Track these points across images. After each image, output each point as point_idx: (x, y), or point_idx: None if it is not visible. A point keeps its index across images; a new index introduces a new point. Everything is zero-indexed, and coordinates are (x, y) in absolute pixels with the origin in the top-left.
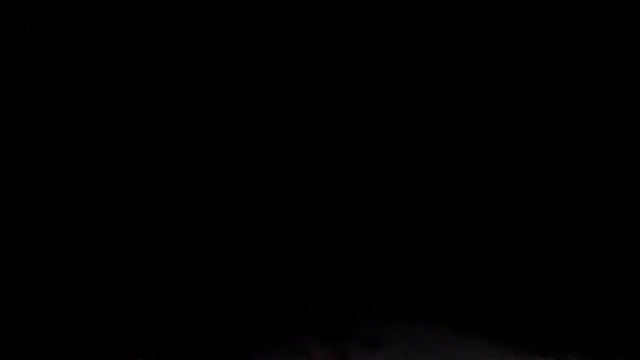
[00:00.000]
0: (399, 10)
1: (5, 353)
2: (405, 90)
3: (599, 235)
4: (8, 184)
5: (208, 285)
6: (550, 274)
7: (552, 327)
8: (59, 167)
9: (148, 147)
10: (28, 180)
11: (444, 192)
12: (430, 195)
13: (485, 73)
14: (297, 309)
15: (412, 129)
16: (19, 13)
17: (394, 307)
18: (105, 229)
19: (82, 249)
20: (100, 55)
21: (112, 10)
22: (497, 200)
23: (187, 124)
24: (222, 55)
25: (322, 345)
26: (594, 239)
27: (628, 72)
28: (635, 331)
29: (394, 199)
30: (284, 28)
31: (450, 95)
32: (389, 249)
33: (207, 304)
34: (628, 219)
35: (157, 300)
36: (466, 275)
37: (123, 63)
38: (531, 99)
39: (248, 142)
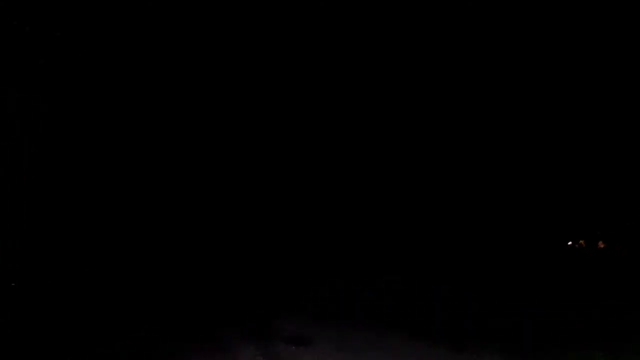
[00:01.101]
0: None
1: (5, 353)
2: (406, 94)
3: (599, 235)
4: (8, 184)
5: (206, 287)
6: (551, 274)
7: (552, 327)
8: (58, 167)
9: (148, 147)
10: (28, 180)
11: (445, 194)
12: (431, 197)
13: (485, 75)
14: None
15: (411, 133)
16: (19, 13)
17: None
18: (105, 229)
19: (82, 249)
20: (99, 56)
21: (111, 11)
22: (498, 201)
23: (189, 125)
24: (221, 56)
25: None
26: (594, 239)
27: (628, 74)
28: (635, 331)
29: (395, 201)
30: (285, 30)
31: (452, 99)
32: (389, 250)
33: (205, 305)
34: (628, 219)
35: (157, 300)
36: (466, 276)
37: (123, 63)
38: (532, 101)
39: (250, 145)
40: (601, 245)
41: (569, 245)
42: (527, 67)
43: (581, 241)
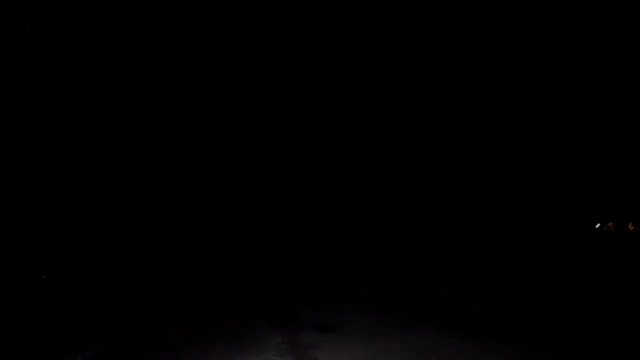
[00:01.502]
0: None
1: (5, 353)
2: (406, 96)
3: (598, 238)
4: (8, 184)
5: (206, 287)
6: (550, 274)
7: (552, 327)
8: (58, 167)
9: (148, 147)
10: (28, 180)
11: (445, 195)
12: (431, 197)
13: (484, 76)
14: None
15: (411, 134)
16: (19, 13)
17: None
18: (105, 229)
19: (82, 249)
20: (99, 56)
21: (111, 11)
22: (498, 201)
23: (190, 125)
24: (221, 57)
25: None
26: (595, 239)
27: (627, 75)
28: (635, 331)
29: (395, 202)
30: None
31: (450, 99)
32: (389, 250)
33: (205, 305)
34: (628, 219)
35: (157, 300)
36: (466, 275)
37: (123, 63)
38: (532, 104)
39: (250, 146)
40: (631, 227)
41: (597, 227)
42: (534, 66)
43: (610, 224)
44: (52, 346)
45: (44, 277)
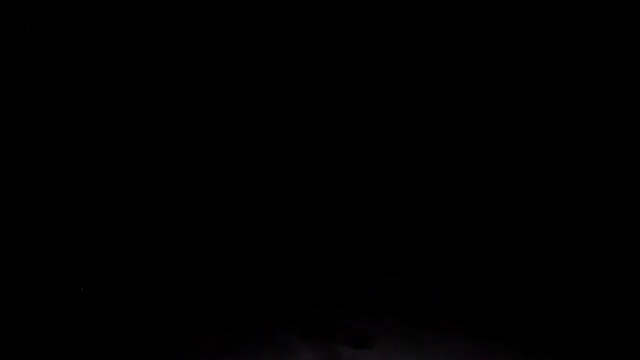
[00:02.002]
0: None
1: (5, 353)
2: (406, 93)
3: (600, 236)
4: (8, 184)
5: (205, 286)
6: (551, 274)
7: (552, 327)
8: (58, 167)
9: (148, 147)
10: (28, 180)
11: (445, 194)
12: (431, 196)
13: (484, 74)
14: (291, 309)
15: (411, 133)
16: (19, 13)
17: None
18: (105, 229)
19: (81, 249)
20: (99, 56)
21: (111, 11)
22: (498, 201)
23: (187, 124)
24: (221, 56)
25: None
26: (595, 239)
27: (628, 74)
28: (635, 331)
29: (394, 201)
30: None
31: (449, 97)
32: (389, 250)
33: (205, 304)
34: (629, 219)
35: (157, 300)
36: (466, 276)
37: (122, 63)
38: (533, 101)
39: (249, 144)
40: None
41: None
42: (534, 66)
43: None
44: (52, 346)
45: (81, 289)
